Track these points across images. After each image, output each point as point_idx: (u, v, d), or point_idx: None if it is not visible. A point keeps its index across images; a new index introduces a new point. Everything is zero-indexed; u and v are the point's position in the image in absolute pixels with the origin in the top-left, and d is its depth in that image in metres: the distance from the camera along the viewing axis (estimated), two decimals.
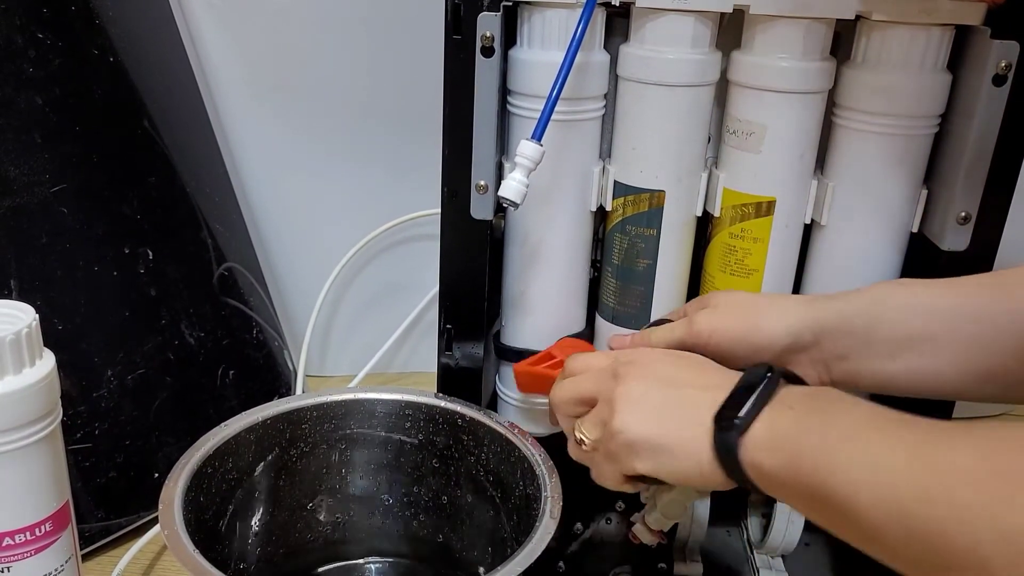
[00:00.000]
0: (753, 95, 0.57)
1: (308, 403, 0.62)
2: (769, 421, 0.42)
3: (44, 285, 0.67)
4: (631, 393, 0.46)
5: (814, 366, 0.52)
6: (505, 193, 0.53)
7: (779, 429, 0.41)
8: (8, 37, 0.66)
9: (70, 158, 0.69)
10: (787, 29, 0.55)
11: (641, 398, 0.46)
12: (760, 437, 0.41)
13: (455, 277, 0.62)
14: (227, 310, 0.81)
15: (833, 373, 0.51)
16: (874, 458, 0.36)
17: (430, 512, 0.65)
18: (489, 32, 0.55)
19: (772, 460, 0.40)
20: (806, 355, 0.51)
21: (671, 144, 0.58)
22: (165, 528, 0.49)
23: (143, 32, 0.80)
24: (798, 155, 0.58)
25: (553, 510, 0.52)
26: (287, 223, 0.92)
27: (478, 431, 0.61)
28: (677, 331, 0.53)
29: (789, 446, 0.40)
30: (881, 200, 0.59)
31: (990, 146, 0.56)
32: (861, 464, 0.36)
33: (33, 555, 0.50)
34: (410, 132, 0.86)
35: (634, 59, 0.57)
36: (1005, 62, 0.54)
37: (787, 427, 0.41)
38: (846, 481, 0.36)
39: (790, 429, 0.41)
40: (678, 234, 0.61)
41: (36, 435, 0.48)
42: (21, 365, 0.47)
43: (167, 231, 0.76)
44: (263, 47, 0.85)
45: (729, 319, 0.52)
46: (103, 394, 0.69)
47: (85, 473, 0.68)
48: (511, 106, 0.59)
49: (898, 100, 0.56)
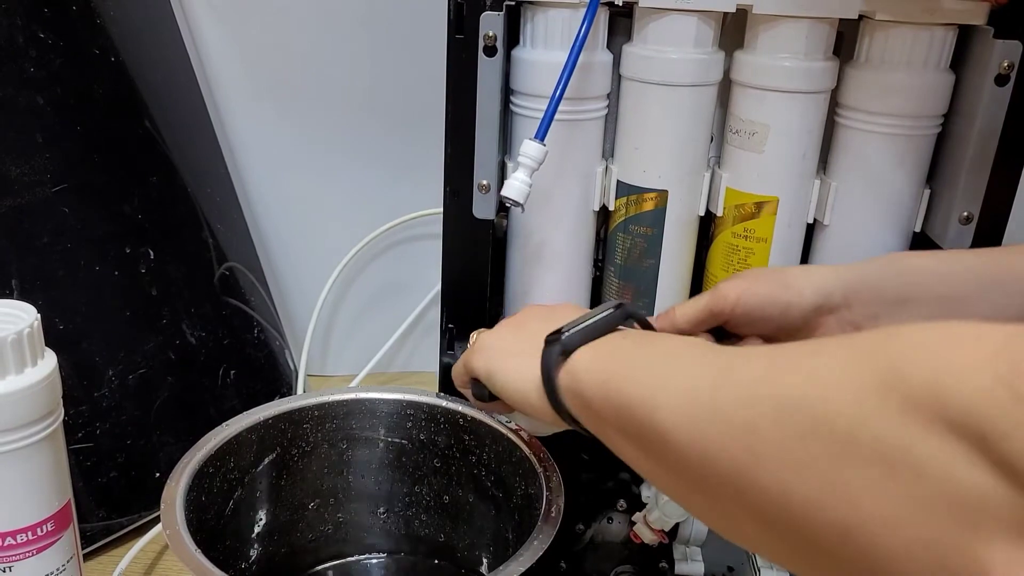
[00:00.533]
0: (756, 95, 0.57)
1: (309, 403, 0.61)
2: (597, 346, 0.42)
3: (45, 285, 0.66)
4: (513, 320, 0.52)
5: (843, 328, 0.51)
6: (508, 193, 0.53)
7: (602, 353, 0.42)
8: (9, 37, 0.66)
9: (71, 158, 0.69)
10: (790, 29, 0.55)
11: (515, 324, 0.51)
12: (585, 361, 0.42)
13: (457, 276, 0.62)
14: (228, 310, 0.81)
15: None
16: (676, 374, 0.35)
17: (431, 512, 0.65)
18: (492, 31, 0.55)
19: (589, 382, 0.41)
20: (835, 316, 0.51)
21: (674, 144, 0.58)
22: (167, 528, 0.49)
23: (144, 32, 0.80)
24: (801, 155, 0.58)
25: (554, 510, 0.52)
26: (288, 222, 0.92)
27: (479, 431, 0.60)
28: (703, 300, 0.52)
29: (606, 368, 0.40)
30: (884, 200, 0.58)
31: (993, 146, 0.56)
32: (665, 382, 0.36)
33: (35, 555, 0.50)
34: (412, 131, 0.86)
35: (637, 59, 0.57)
36: (1008, 62, 0.54)
37: (610, 352, 0.41)
38: (650, 399, 0.36)
39: (613, 353, 0.41)
40: (681, 234, 0.61)
41: (37, 435, 0.48)
42: (22, 365, 0.47)
43: (168, 231, 0.76)
44: (264, 47, 0.85)
45: (756, 282, 0.51)
46: (104, 393, 0.69)
47: (86, 473, 0.68)
48: (514, 106, 0.59)
49: (901, 100, 0.56)
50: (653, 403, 0.35)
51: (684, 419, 0.33)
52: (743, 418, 0.31)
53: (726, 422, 0.31)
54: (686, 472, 0.34)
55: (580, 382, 0.41)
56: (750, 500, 0.30)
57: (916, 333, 0.27)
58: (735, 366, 0.33)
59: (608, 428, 0.40)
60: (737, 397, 0.32)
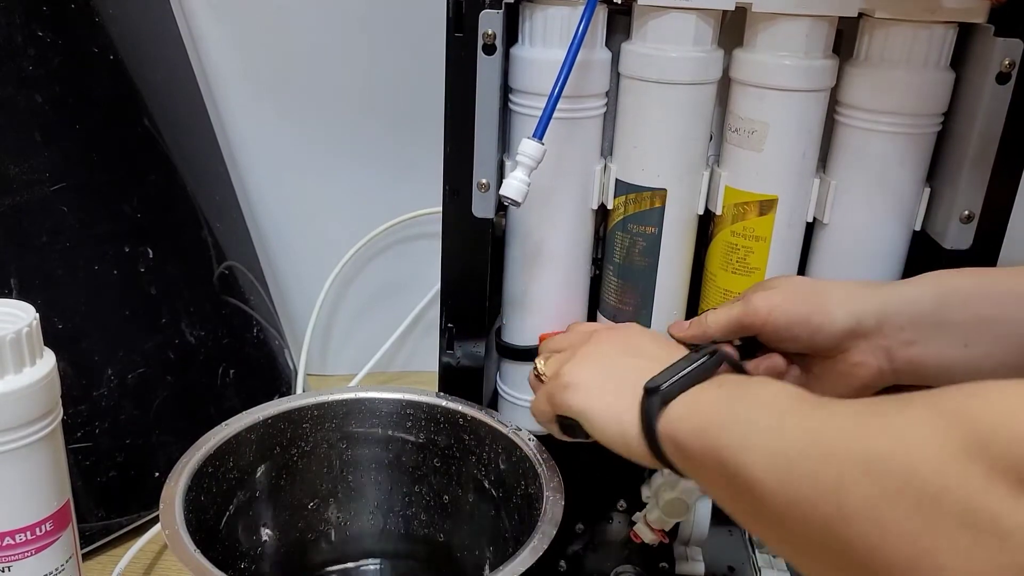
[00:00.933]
0: (755, 93, 0.57)
1: (309, 402, 0.61)
2: (695, 395, 0.43)
3: (44, 284, 0.66)
4: (593, 351, 0.50)
5: (875, 353, 0.50)
6: (507, 192, 0.53)
7: (701, 403, 0.42)
8: (8, 35, 0.66)
9: (70, 157, 0.69)
10: (789, 27, 0.55)
11: (598, 357, 0.50)
12: (682, 409, 0.42)
13: (456, 276, 0.62)
14: (227, 309, 0.81)
15: (896, 361, 0.50)
16: (768, 425, 0.36)
17: (431, 511, 0.65)
18: (491, 30, 0.54)
19: (686, 430, 0.41)
20: (867, 341, 0.50)
21: (673, 142, 0.58)
22: (166, 527, 0.49)
23: (143, 31, 0.80)
24: (800, 153, 0.57)
25: (555, 509, 0.52)
26: (288, 222, 0.92)
27: (479, 430, 0.60)
28: (734, 310, 0.52)
29: (703, 417, 0.41)
30: (884, 198, 0.58)
31: (993, 144, 0.56)
32: (757, 431, 0.36)
33: (33, 554, 0.50)
34: (411, 130, 0.86)
35: (636, 57, 0.57)
36: (1009, 60, 0.54)
37: (708, 402, 0.42)
38: (741, 447, 0.36)
39: (710, 403, 0.42)
40: (680, 232, 0.60)
41: (36, 434, 0.48)
42: (21, 364, 0.47)
43: (167, 230, 0.76)
44: (263, 45, 0.85)
45: (789, 299, 0.51)
46: (103, 393, 0.69)
47: (85, 472, 0.68)
48: (512, 104, 0.59)
49: (901, 98, 0.56)
50: (745, 456, 0.36)
51: (773, 473, 0.34)
52: (831, 475, 0.31)
53: (814, 478, 0.32)
54: (776, 522, 0.35)
55: (677, 431, 0.42)
56: (836, 555, 0.31)
57: (997, 394, 0.27)
58: (825, 421, 0.34)
59: (704, 474, 0.41)
60: (825, 454, 0.32)
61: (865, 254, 0.60)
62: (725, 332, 0.53)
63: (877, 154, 0.57)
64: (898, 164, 0.57)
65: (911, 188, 0.58)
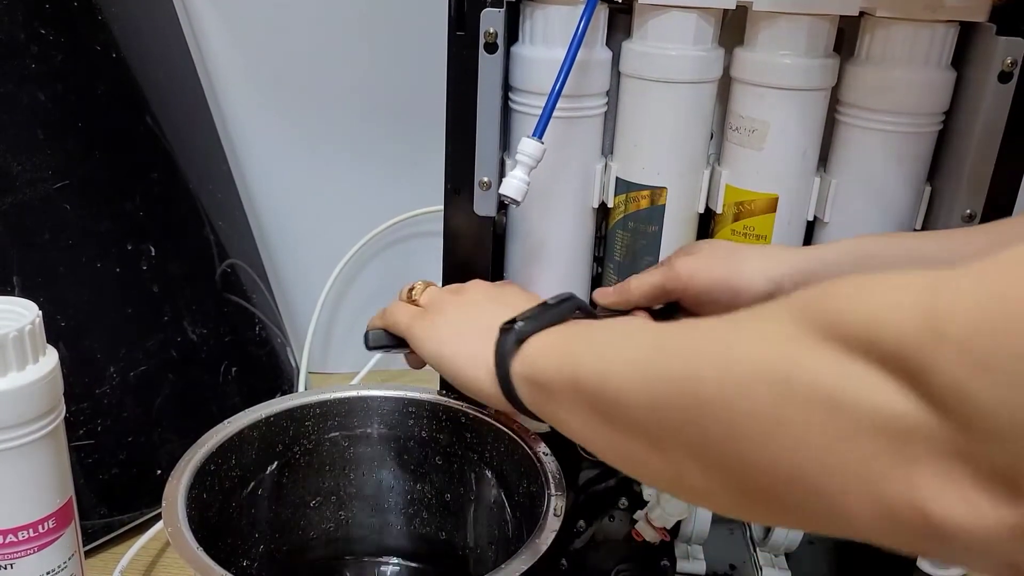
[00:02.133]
0: (756, 92, 0.57)
1: (311, 400, 0.61)
2: (550, 333, 0.44)
3: (47, 282, 0.67)
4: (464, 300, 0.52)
5: None
6: (506, 191, 0.53)
7: (556, 338, 0.43)
8: (10, 33, 0.66)
9: (72, 154, 0.69)
10: (790, 26, 0.55)
11: (466, 304, 0.51)
12: (538, 345, 0.43)
13: (458, 274, 0.62)
14: (230, 307, 0.81)
15: None
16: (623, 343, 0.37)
17: (433, 509, 0.65)
18: (492, 28, 0.55)
19: (542, 363, 0.42)
20: None
21: (673, 141, 0.58)
22: (168, 525, 0.49)
23: (145, 28, 0.80)
24: (801, 152, 0.57)
25: (556, 507, 0.52)
26: (290, 219, 0.92)
27: (481, 428, 0.60)
28: (656, 274, 0.54)
29: (559, 348, 0.42)
30: (884, 198, 0.58)
31: (995, 144, 0.56)
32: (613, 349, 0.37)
33: (36, 552, 0.50)
34: (413, 129, 0.86)
35: (636, 55, 0.57)
36: (1010, 59, 0.54)
37: (563, 336, 0.43)
38: (599, 366, 0.37)
39: (565, 337, 0.42)
40: (680, 231, 0.60)
41: (39, 432, 0.48)
42: (24, 362, 0.47)
43: (170, 228, 0.76)
44: (266, 43, 0.85)
45: (710, 262, 0.52)
46: (106, 391, 0.69)
47: (88, 470, 0.68)
48: (513, 103, 0.59)
49: (902, 97, 0.56)
50: (605, 373, 0.37)
51: (633, 382, 0.35)
52: (688, 371, 0.32)
53: (671, 376, 0.33)
54: (638, 432, 0.35)
55: (535, 366, 0.43)
56: (699, 450, 0.32)
57: (850, 282, 0.28)
58: (681, 330, 0.35)
59: (562, 408, 0.41)
60: (680, 354, 0.33)
61: None
62: (648, 297, 0.54)
63: (878, 153, 0.57)
64: (899, 163, 0.57)
65: (912, 187, 0.58)
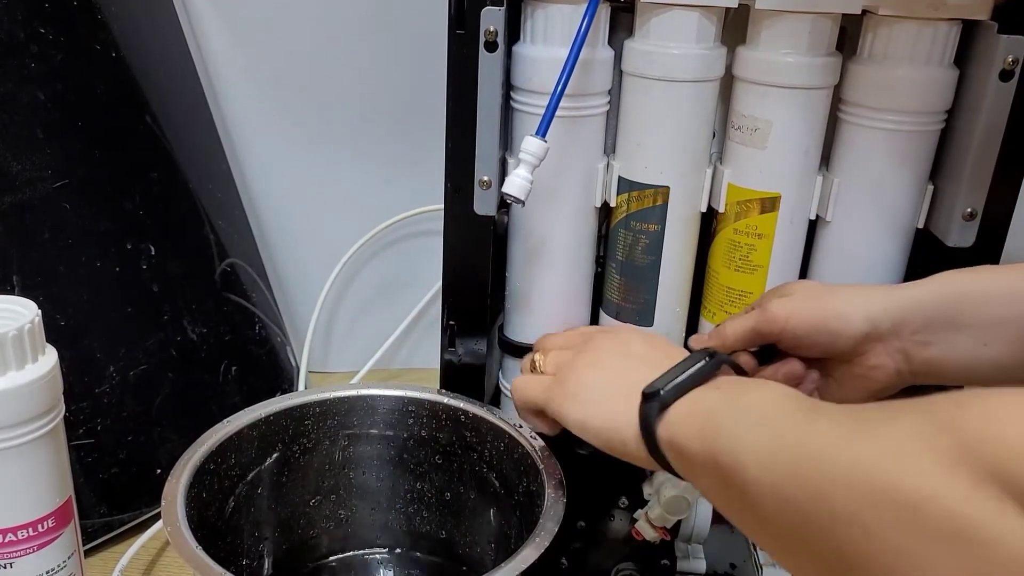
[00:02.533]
0: (758, 91, 0.56)
1: (311, 399, 0.61)
2: (694, 399, 0.43)
3: (46, 281, 0.66)
4: (591, 357, 0.50)
5: (892, 355, 0.50)
6: (509, 190, 0.53)
7: (699, 405, 0.42)
8: (10, 32, 0.66)
9: (72, 153, 0.69)
10: (792, 24, 0.54)
11: (596, 363, 0.50)
12: (681, 412, 0.43)
13: (458, 273, 0.61)
14: (229, 306, 0.81)
15: (914, 362, 0.50)
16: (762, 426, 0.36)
17: (433, 508, 0.65)
18: (493, 27, 0.54)
19: (684, 433, 0.42)
20: (883, 344, 0.50)
21: (675, 140, 0.58)
22: (168, 524, 0.49)
23: (145, 27, 0.79)
24: (803, 151, 0.57)
25: (556, 506, 0.52)
26: (290, 219, 0.92)
27: (481, 427, 0.60)
28: (751, 319, 0.53)
29: (700, 419, 0.41)
30: (886, 196, 0.58)
31: (997, 142, 0.55)
32: (751, 432, 0.37)
33: (35, 551, 0.50)
34: (413, 127, 0.85)
35: (638, 54, 0.57)
36: (1012, 57, 0.53)
37: (707, 405, 0.42)
38: (735, 448, 0.37)
39: (707, 406, 0.42)
40: (682, 230, 0.60)
41: (38, 431, 0.48)
42: (23, 361, 0.47)
43: (169, 227, 0.76)
44: (266, 42, 0.85)
45: (806, 305, 0.51)
46: (105, 390, 0.69)
47: (87, 469, 0.68)
48: (515, 102, 0.59)
49: (904, 96, 0.55)
50: (738, 457, 0.37)
51: (765, 474, 0.35)
52: (818, 479, 0.32)
53: (803, 481, 0.32)
54: (768, 525, 0.35)
55: (676, 435, 0.43)
56: (824, 557, 0.31)
57: (989, 403, 0.27)
58: (818, 427, 0.34)
59: (701, 476, 0.41)
60: (814, 458, 0.32)
61: (868, 252, 0.60)
62: (744, 341, 0.53)
63: (880, 151, 0.57)
64: (901, 162, 0.57)
65: (914, 186, 0.58)
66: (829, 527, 0.31)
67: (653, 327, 0.62)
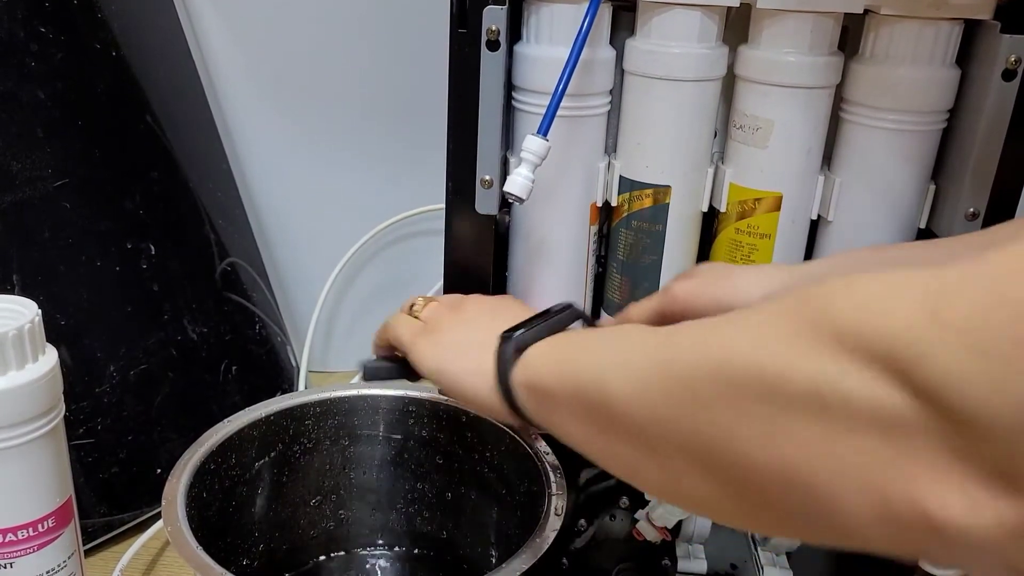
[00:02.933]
0: (760, 90, 0.56)
1: (311, 399, 0.61)
2: (549, 343, 0.44)
3: (46, 280, 0.66)
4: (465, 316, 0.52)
5: None
6: (511, 189, 0.53)
7: (557, 344, 0.43)
8: (10, 31, 0.66)
9: (72, 153, 0.69)
10: (794, 23, 0.54)
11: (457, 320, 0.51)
12: (537, 353, 0.44)
13: (460, 272, 0.61)
14: (230, 305, 0.81)
15: None
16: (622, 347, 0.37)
17: (434, 509, 0.65)
18: (495, 26, 0.54)
19: (542, 370, 0.42)
20: None
21: (677, 139, 0.58)
22: (168, 524, 0.49)
23: (146, 27, 0.79)
24: (805, 150, 0.57)
25: (557, 507, 0.52)
26: (290, 218, 0.91)
27: (482, 428, 0.60)
28: (654, 300, 0.54)
29: (558, 356, 0.42)
30: (888, 196, 0.58)
31: (999, 141, 0.55)
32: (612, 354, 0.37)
33: (36, 551, 0.50)
34: (414, 127, 0.85)
35: (640, 54, 0.56)
36: (1015, 57, 0.53)
37: (562, 343, 0.43)
38: (598, 372, 0.37)
39: (564, 344, 0.43)
40: (684, 229, 0.60)
41: (38, 431, 0.48)
42: (23, 360, 0.47)
43: (170, 226, 0.76)
44: (266, 42, 0.85)
45: (705, 283, 0.53)
46: (106, 389, 0.69)
47: (88, 468, 0.68)
48: (516, 102, 0.59)
49: (906, 95, 0.55)
50: (603, 378, 0.37)
51: (630, 386, 0.35)
52: (683, 374, 0.32)
53: (668, 380, 0.32)
54: (636, 438, 0.35)
55: (536, 373, 0.43)
56: (696, 455, 0.31)
57: (844, 279, 0.27)
58: (675, 333, 0.34)
59: (562, 414, 0.41)
60: (676, 357, 0.33)
61: None
62: (648, 322, 0.54)
63: (882, 151, 0.57)
64: (903, 161, 0.57)
65: (916, 185, 0.58)
66: (699, 418, 0.31)
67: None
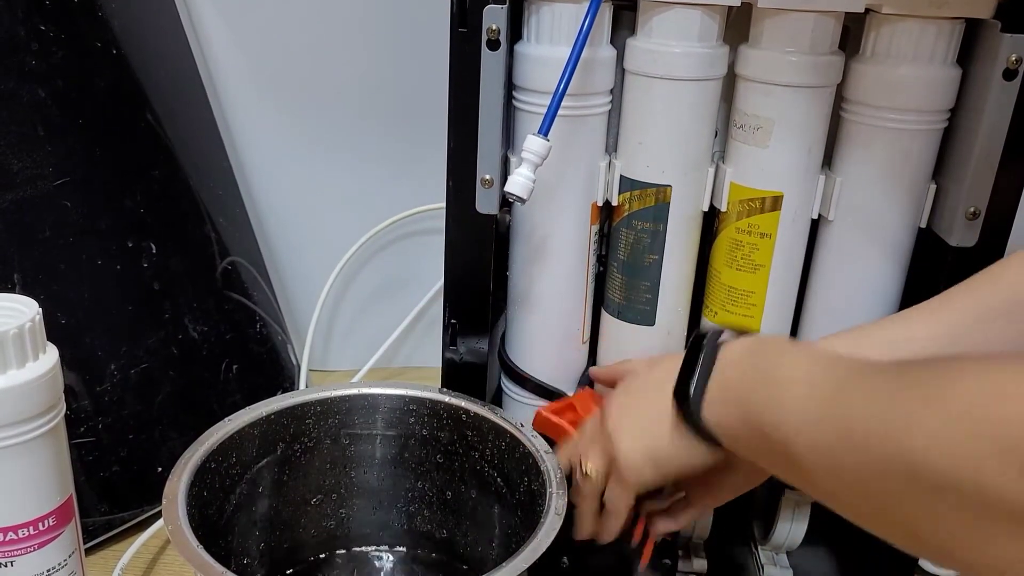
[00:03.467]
0: (760, 89, 0.56)
1: (312, 398, 0.61)
2: (720, 382, 0.45)
3: (47, 279, 0.66)
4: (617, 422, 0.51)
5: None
6: (511, 188, 0.53)
7: (729, 385, 0.45)
8: (11, 29, 0.66)
9: (73, 151, 0.69)
10: (795, 23, 0.54)
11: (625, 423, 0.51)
12: (715, 398, 0.45)
13: (460, 272, 0.61)
14: (230, 304, 0.81)
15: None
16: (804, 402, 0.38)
17: (434, 507, 0.65)
18: (495, 25, 0.54)
19: (728, 415, 0.44)
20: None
21: (678, 139, 0.58)
22: (169, 523, 0.49)
23: (146, 25, 0.79)
24: (806, 150, 0.57)
25: (557, 506, 0.52)
26: (291, 217, 0.91)
27: (482, 426, 0.60)
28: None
29: (739, 400, 0.43)
30: (889, 195, 0.58)
31: (1000, 141, 0.55)
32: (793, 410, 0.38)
33: (36, 549, 0.50)
34: (414, 126, 0.85)
35: (641, 53, 0.56)
36: (1015, 56, 0.53)
37: (735, 383, 0.44)
38: (782, 425, 0.39)
39: (738, 384, 0.44)
40: (684, 229, 0.60)
41: (39, 429, 0.48)
42: (24, 359, 0.47)
43: (170, 225, 0.76)
44: (267, 40, 0.85)
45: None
46: (106, 388, 0.69)
47: (88, 467, 0.68)
48: (517, 101, 0.59)
49: (907, 95, 0.55)
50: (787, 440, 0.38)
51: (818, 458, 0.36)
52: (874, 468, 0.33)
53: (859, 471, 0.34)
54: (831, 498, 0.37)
55: (721, 420, 0.45)
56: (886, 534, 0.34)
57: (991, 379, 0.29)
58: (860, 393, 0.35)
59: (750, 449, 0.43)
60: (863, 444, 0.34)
61: (870, 251, 0.60)
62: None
63: (883, 150, 0.57)
64: (904, 161, 0.57)
65: (917, 185, 0.58)
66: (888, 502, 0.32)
67: (654, 326, 0.62)
